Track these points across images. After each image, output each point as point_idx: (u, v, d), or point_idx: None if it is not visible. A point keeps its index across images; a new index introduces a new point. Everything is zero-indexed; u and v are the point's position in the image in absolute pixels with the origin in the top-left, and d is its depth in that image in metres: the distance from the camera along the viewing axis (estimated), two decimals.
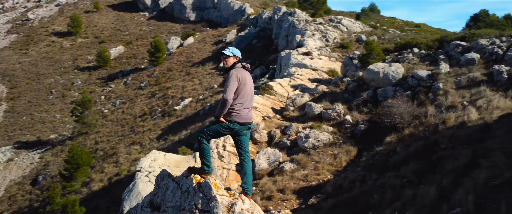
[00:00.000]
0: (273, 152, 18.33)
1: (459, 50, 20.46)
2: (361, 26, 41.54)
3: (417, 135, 15.79)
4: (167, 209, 4.31)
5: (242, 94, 5.30)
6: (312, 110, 21.48)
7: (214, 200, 4.15)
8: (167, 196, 4.53)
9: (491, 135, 13.78)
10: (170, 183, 4.80)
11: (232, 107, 5.22)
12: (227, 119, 5.23)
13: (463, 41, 21.11)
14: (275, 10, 45.44)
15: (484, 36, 20.38)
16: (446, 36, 22.86)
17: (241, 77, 5.26)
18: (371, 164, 15.64)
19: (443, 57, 20.59)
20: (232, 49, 5.59)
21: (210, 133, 5.24)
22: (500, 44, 19.17)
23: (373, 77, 21.34)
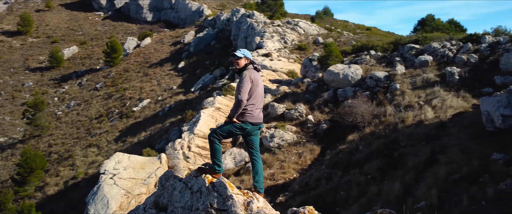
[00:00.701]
0: (239, 151, 18.36)
1: (413, 52, 21.36)
2: (317, 28, 42.38)
3: (378, 133, 16.34)
4: (175, 209, 4.24)
5: (255, 95, 5.33)
6: (275, 110, 21.68)
7: (231, 199, 4.14)
8: (175, 197, 4.45)
9: (447, 133, 14.50)
10: (176, 183, 4.73)
11: (245, 108, 5.25)
12: (240, 119, 5.26)
13: (416, 44, 22.06)
14: (233, 12, 45.46)
15: (435, 40, 21.41)
16: (400, 39, 23.82)
17: (253, 78, 5.26)
18: (335, 162, 16.01)
19: (399, 59, 21.43)
20: (243, 51, 5.55)
21: (223, 133, 5.24)
22: (450, 47, 20.20)
23: (333, 78, 21.84)
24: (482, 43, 19.50)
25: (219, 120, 22.27)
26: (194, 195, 4.29)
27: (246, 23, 40.81)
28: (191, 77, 42.02)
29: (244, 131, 5.29)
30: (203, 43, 46.46)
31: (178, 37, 52.18)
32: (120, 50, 49.66)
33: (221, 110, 23.29)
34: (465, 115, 15.53)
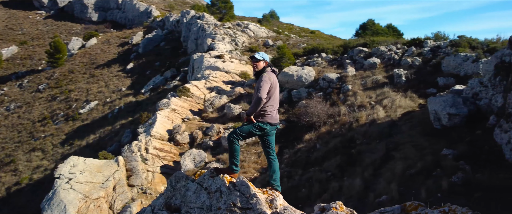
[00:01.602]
0: (198, 152, 18.19)
1: (362, 55, 22.25)
2: (266, 31, 42.87)
3: (334, 132, 16.85)
4: (191, 210, 4.14)
5: (273, 97, 5.39)
6: (231, 110, 21.72)
7: (255, 197, 4.12)
8: (189, 198, 4.35)
9: (398, 130, 15.25)
10: (189, 184, 4.63)
11: (264, 109, 5.32)
12: (259, 120, 5.32)
13: (364, 47, 22.99)
14: (183, 14, 44.85)
15: (382, 44, 22.43)
16: (349, 43, 24.72)
17: (272, 80, 5.33)
18: (294, 160, 16.32)
19: (349, 61, 22.22)
20: (262, 54, 5.58)
21: (243, 133, 5.27)
22: (396, 51, 21.26)
23: (288, 80, 22.23)
24: (425, 47, 20.71)
25: (175, 121, 21.95)
26: (213, 195, 4.25)
27: (197, 25, 40.45)
28: (141, 79, 40.93)
29: (263, 131, 5.35)
30: (152, 44, 45.44)
31: (125, 38, 50.61)
32: (64, 51, 47.33)
33: (177, 111, 22.95)
34: (413, 113, 16.41)
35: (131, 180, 17.09)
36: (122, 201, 15.97)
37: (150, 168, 17.96)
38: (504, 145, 11.58)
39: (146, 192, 16.57)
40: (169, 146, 19.97)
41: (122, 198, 16.07)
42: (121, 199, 16.03)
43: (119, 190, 16.42)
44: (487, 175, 10.77)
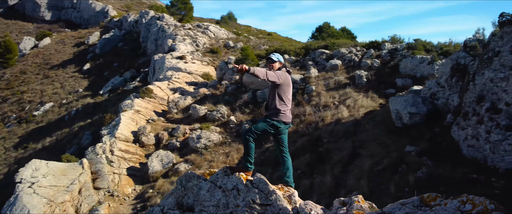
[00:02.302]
0: (166, 154, 17.93)
1: (324, 57, 22.79)
2: (226, 32, 42.84)
3: (301, 131, 17.17)
4: (206, 208, 4.11)
5: (288, 96, 5.45)
6: (196, 111, 21.57)
7: (274, 194, 4.17)
8: (202, 196, 4.32)
9: (363, 129, 15.79)
10: (202, 183, 4.58)
11: (279, 108, 5.38)
12: (274, 119, 5.37)
13: (326, 49, 23.55)
14: (142, 14, 43.89)
15: (342, 46, 23.09)
16: (310, 45, 25.23)
17: (285, 78, 5.37)
18: (263, 159, 16.47)
19: (311, 63, 22.70)
20: (278, 56, 5.65)
21: (258, 131, 5.31)
22: (356, 53, 21.96)
23: (253, 80, 22.37)
24: (383, 50, 21.53)
25: (140, 122, 21.50)
26: (230, 192, 4.26)
27: (156, 26, 39.76)
28: (99, 80, 39.62)
29: (277, 129, 5.41)
30: (110, 44, 44.12)
31: (81, 38, 48.79)
32: (15, 51, 44.98)
33: (141, 113, 22.49)
34: (375, 113, 17.04)
35: (97, 182, 16.57)
36: (89, 204, 15.46)
37: (116, 170, 17.49)
38: (462, 141, 12.31)
39: (114, 194, 16.14)
40: (134, 147, 19.54)
41: (89, 201, 15.55)
42: (87, 203, 15.51)
43: (85, 193, 15.88)
44: (448, 169, 11.40)
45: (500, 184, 10.35)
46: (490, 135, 10.98)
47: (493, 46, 11.56)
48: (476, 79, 12.09)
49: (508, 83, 10.63)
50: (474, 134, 11.67)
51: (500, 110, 10.83)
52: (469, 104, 12.17)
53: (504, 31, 11.26)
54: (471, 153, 11.83)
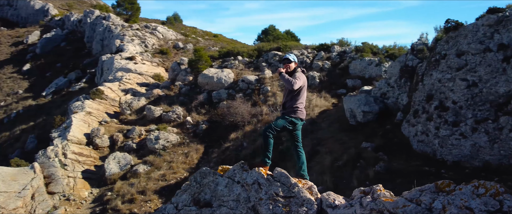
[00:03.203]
0: (123, 155, 17.42)
1: (277, 58, 23.23)
2: (174, 34, 42.19)
3: (259, 130, 17.39)
4: (225, 203, 4.10)
5: (304, 95, 5.62)
6: (152, 112, 21.14)
7: (297, 186, 4.24)
8: (220, 192, 4.30)
9: (319, 127, 16.33)
10: (218, 179, 4.56)
11: (297, 106, 5.58)
12: (292, 115, 5.54)
13: (278, 51, 24.01)
14: (87, 13, 42.00)
15: (294, 48, 23.66)
16: (263, 47, 25.58)
17: (303, 80, 5.51)
18: (223, 158, 16.52)
19: (265, 64, 23.04)
20: (293, 56, 5.82)
21: (277, 128, 5.41)
22: (308, 55, 22.61)
23: (208, 81, 22.31)
24: (332, 52, 22.36)
25: (92, 124, 20.67)
26: (250, 187, 4.29)
27: (102, 25, 38.30)
28: (41, 81, 37.40)
29: (295, 126, 5.56)
30: (52, 44, 41.80)
31: (19, 37, 45.71)
32: None
33: (93, 114, 21.62)
34: (329, 112, 17.69)
35: (51, 187, 15.75)
36: (43, 209, 14.66)
37: (71, 174, 16.73)
38: (412, 137, 13.15)
39: (70, 198, 15.44)
40: (88, 150, 18.77)
41: (43, 206, 14.75)
42: (41, 208, 14.71)
43: (39, 199, 15.04)
44: (402, 163, 12.15)
45: (449, 174, 11.18)
46: (439, 131, 11.84)
47: (440, 49, 12.47)
48: (424, 80, 12.97)
49: (455, 84, 11.54)
50: (424, 130, 12.51)
51: (447, 107, 11.71)
52: (419, 103, 13.04)
53: (450, 36, 12.20)
54: (421, 147, 12.66)
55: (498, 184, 3.04)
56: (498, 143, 10.56)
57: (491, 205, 2.87)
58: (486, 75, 10.77)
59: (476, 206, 2.87)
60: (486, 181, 3.13)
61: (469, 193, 2.99)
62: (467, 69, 11.21)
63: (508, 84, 10.34)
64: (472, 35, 11.18)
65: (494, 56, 10.57)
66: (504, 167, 10.61)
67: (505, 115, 10.48)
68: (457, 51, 11.59)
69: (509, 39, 10.31)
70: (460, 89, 11.34)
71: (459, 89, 11.37)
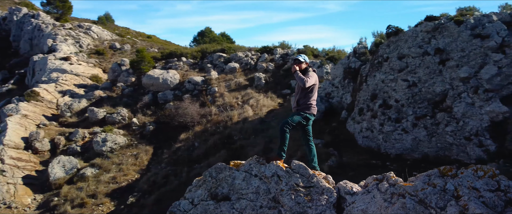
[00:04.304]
0: (68, 159, 16.50)
1: (222, 60, 23.32)
2: (110, 34, 40.51)
3: (210, 130, 17.41)
4: (244, 196, 4.11)
5: (316, 92, 5.76)
6: (95, 114, 20.21)
7: (315, 177, 4.36)
8: (238, 185, 4.31)
9: (268, 126, 16.72)
10: (235, 173, 4.55)
11: (310, 103, 5.76)
12: (307, 111, 5.74)
13: (223, 53, 24.10)
14: (12, 11, 38.82)
15: (238, 50, 23.90)
16: (206, 48, 25.47)
17: (316, 79, 5.63)
18: (175, 159, 16.30)
19: (210, 65, 23.02)
20: (304, 57, 5.91)
21: (293, 123, 5.56)
22: (252, 57, 22.97)
23: (153, 82, 21.82)
24: (275, 54, 22.94)
25: (30, 128, 19.27)
26: (270, 179, 4.36)
27: (31, 24, 35.72)
28: None
29: (308, 121, 5.70)
30: None
31: None
32: None
33: (29, 117, 20.16)
34: (276, 111, 18.16)
35: None
36: None
37: (10, 180, 15.51)
38: (357, 134, 13.99)
39: (11, 206, 14.34)
40: (27, 154, 17.51)
41: None
42: None
43: None
44: (351, 157, 12.90)
45: (393, 166, 12.09)
46: (383, 127, 12.75)
47: (382, 52, 13.42)
48: (368, 80, 13.87)
49: (397, 84, 12.49)
50: (369, 127, 13.38)
51: (390, 105, 12.64)
52: (363, 101, 13.90)
53: (391, 40, 13.18)
54: (366, 142, 13.52)
55: (493, 167, 3.50)
56: (435, 136, 11.62)
57: (491, 185, 3.33)
58: (425, 76, 11.81)
59: (480, 186, 3.31)
60: (483, 166, 3.59)
61: (471, 176, 3.42)
62: (408, 70, 12.20)
63: (443, 84, 11.43)
64: (412, 40, 12.20)
65: (431, 59, 11.62)
66: (441, 158, 11.70)
67: (441, 112, 11.57)
68: (399, 54, 12.56)
69: (445, 44, 11.41)
70: (401, 89, 12.31)
71: (401, 89, 12.34)
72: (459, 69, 11.06)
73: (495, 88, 10.54)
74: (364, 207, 3.74)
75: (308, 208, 3.94)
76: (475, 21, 11.05)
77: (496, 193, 3.29)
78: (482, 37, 10.68)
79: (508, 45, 10.39)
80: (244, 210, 4.09)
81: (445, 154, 11.64)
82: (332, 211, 3.90)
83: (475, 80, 10.83)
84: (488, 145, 10.68)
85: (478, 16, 11.15)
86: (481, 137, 10.80)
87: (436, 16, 11.80)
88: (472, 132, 10.94)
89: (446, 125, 11.40)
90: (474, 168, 3.55)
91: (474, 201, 3.15)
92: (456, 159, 11.44)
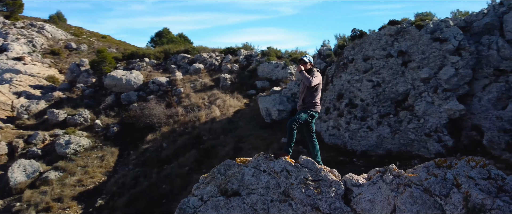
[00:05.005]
0: (30, 163, 15.71)
1: (186, 61, 23.09)
2: (64, 33, 38.87)
3: (178, 131, 17.23)
4: (254, 191, 4.14)
5: (320, 91, 5.83)
6: (55, 116, 19.37)
7: (323, 171, 4.46)
8: (248, 181, 4.33)
9: (237, 126, 16.81)
10: (244, 169, 4.55)
11: (315, 101, 5.90)
12: (312, 110, 5.88)
13: (187, 53, 23.87)
14: None
15: (202, 51, 23.77)
16: (169, 49, 25.09)
17: (320, 78, 5.73)
18: (143, 160, 15.98)
19: (174, 66, 22.73)
20: (309, 57, 6.01)
21: (301, 121, 5.71)
22: (216, 58, 22.94)
23: (116, 83, 21.23)
24: (239, 56, 23.05)
25: None
26: (279, 174, 4.43)
27: None
28: None
29: (313, 118, 5.82)
30: None
31: None
32: None
33: None
34: (243, 111, 18.30)
35: None
36: None
37: None
38: (323, 132, 14.42)
39: None
40: None
41: None
42: None
43: None
44: None
45: (360, 162, 12.61)
46: (349, 125, 13.24)
47: (347, 54, 13.92)
48: (334, 81, 14.33)
49: (362, 84, 13.02)
50: (335, 125, 13.84)
51: (356, 104, 13.16)
52: (330, 101, 14.35)
53: (355, 43, 13.71)
54: (332, 140, 13.97)
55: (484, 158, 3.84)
56: (398, 133, 12.24)
57: (483, 173, 3.65)
58: (388, 76, 12.41)
59: (474, 175, 3.63)
60: (474, 157, 3.92)
61: (465, 166, 3.74)
62: (373, 71, 12.76)
63: (406, 84, 12.07)
64: (376, 42, 12.77)
65: (395, 61, 12.23)
66: (403, 154, 12.34)
67: (403, 110, 12.21)
68: (363, 56, 13.10)
69: (407, 47, 12.05)
70: (367, 89, 12.85)
71: (366, 88, 12.87)
72: (420, 70, 11.73)
73: (452, 88, 11.28)
74: (371, 197, 3.96)
75: (318, 200, 4.11)
76: (434, 25, 11.76)
77: (489, 180, 3.62)
78: (441, 40, 11.40)
79: (464, 48, 11.16)
80: (255, 204, 4.18)
81: (407, 150, 12.29)
82: (341, 202, 4.09)
83: (435, 80, 11.54)
84: (446, 140, 11.41)
85: (437, 21, 11.88)
86: (440, 133, 11.52)
87: (398, 21, 12.44)
88: (432, 128, 11.64)
89: (408, 123, 12.04)
90: (466, 159, 3.88)
91: (474, 188, 3.46)
92: (417, 154, 12.13)
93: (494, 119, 11.12)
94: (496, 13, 11.45)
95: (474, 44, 11.32)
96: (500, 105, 11.07)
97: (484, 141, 10.96)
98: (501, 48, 10.93)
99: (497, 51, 10.94)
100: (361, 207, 3.97)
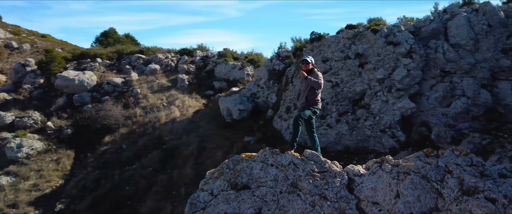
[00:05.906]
0: None
1: (141, 61, 22.50)
2: (3, 32, 36.20)
3: (138, 131, 16.81)
4: (263, 184, 4.15)
5: (321, 90, 5.91)
6: (1, 119, 18.08)
7: (327, 163, 4.58)
8: (256, 175, 4.35)
9: (198, 126, 16.74)
10: (252, 164, 4.54)
11: (317, 99, 6.04)
12: (315, 107, 6.02)
13: (142, 54, 23.26)
14: None
15: (157, 52, 23.28)
16: (123, 49, 24.26)
17: (321, 77, 5.85)
18: (103, 162, 15.43)
19: (129, 67, 22.07)
20: (311, 58, 6.06)
21: (305, 117, 5.82)
22: (172, 58, 22.59)
23: (68, 84, 20.23)
24: (195, 57, 22.88)
25: None
26: (287, 167, 4.50)
27: None
28: None
29: (315, 114, 5.92)
30: None
31: None
32: None
33: None
34: (202, 111, 18.24)
35: None
36: None
37: None
38: (284, 130, 14.80)
39: None
40: None
41: None
42: None
43: None
44: None
45: None
46: None
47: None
48: (294, 81, 14.76)
49: None
50: None
51: None
52: (290, 100, 14.76)
53: (314, 45, 14.22)
54: None
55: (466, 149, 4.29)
56: (356, 130, 12.89)
57: (466, 161, 4.09)
58: (346, 77, 13.03)
59: (460, 162, 4.05)
60: (457, 147, 4.36)
61: (452, 155, 4.15)
62: (332, 72, 13.32)
63: (362, 85, 12.73)
64: (335, 45, 13.35)
65: (352, 63, 12.86)
66: (360, 149, 13.01)
67: (360, 108, 12.88)
68: (323, 58, 13.63)
69: (363, 50, 12.73)
70: (326, 89, 13.38)
71: (326, 89, 13.41)
72: (376, 71, 12.45)
73: (405, 88, 12.11)
74: (373, 185, 4.26)
75: (325, 190, 4.33)
76: (388, 30, 12.55)
77: (472, 167, 4.06)
78: (394, 44, 12.18)
79: (414, 51, 12.02)
80: (265, 196, 4.31)
81: (364, 145, 12.98)
82: (346, 191, 4.36)
83: (389, 81, 12.31)
84: (399, 136, 12.21)
85: (390, 26, 12.68)
86: (393, 129, 12.30)
87: (355, 25, 13.10)
88: (386, 125, 12.40)
89: (365, 120, 12.72)
90: (451, 149, 4.31)
91: (465, 173, 3.87)
92: (373, 149, 12.85)
93: (440, 115, 12.09)
94: (441, 20, 12.45)
95: (423, 48, 12.23)
96: (445, 103, 12.06)
97: (432, 135, 11.88)
98: (446, 51, 11.91)
99: (443, 54, 11.90)
100: (364, 195, 4.26)
